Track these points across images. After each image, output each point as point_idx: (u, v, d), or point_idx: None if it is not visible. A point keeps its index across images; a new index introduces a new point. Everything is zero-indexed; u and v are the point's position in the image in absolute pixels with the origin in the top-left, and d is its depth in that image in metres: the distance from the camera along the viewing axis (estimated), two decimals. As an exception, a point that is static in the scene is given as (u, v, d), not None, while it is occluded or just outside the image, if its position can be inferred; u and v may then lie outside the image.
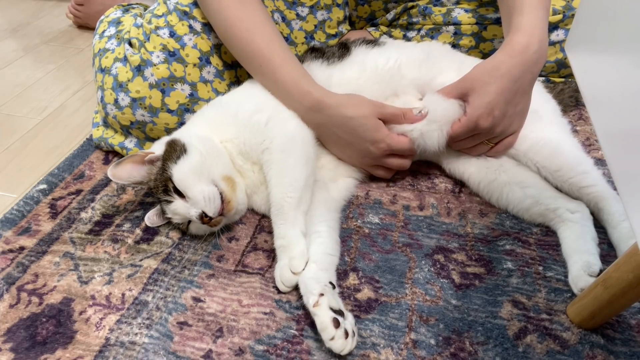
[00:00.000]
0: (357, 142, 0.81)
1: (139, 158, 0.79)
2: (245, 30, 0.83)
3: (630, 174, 0.38)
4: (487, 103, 0.75)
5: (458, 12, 1.03)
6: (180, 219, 0.76)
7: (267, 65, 0.82)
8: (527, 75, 0.76)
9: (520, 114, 0.80)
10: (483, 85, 0.76)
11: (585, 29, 0.51)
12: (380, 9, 1.11)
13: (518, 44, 0.76)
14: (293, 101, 0.81)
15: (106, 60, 0.95)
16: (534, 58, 0.75)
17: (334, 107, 0.79)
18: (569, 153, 0.79)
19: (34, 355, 0.63)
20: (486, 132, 0.78)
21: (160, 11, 0.93)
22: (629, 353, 0.60)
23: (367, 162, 0.85)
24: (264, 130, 0.79)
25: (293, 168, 0.75)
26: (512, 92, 0.76)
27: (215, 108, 0.87)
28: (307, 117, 0.81)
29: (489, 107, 0.76)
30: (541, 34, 0.76)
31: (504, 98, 0.76)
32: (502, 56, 0.76)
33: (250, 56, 0.84)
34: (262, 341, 0.63)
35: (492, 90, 0.75)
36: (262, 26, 0.84)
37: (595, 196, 0.75)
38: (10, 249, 0.79)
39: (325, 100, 0.79)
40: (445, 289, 0.69)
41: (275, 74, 0.82)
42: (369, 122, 0.79)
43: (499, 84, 0.75)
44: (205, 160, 0.76)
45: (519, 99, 0.77)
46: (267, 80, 0.84)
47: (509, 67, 0.75)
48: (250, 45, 0.83)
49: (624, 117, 0.41)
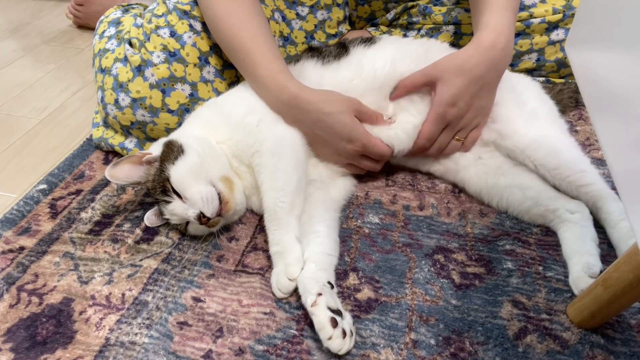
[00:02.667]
0: (332, 139, 0.80)
1: (136, 159, 0.79)
2: (231, 25, 0.83)
3: (630, 174, 0.38)
4: (452, 94, 0.78)
5: (458, 11, 1.03)
6: (178, 220, 0.76)
7: (248, 60, 0.82)
8: (493, 72, 0.79)
9: (484, 108, 0.82)
10: (451, 77, 0.78)
11: (586, 29, 0.51)
12: (380, 8, 1.11)
13: (487, 40, 0.79)
14: (270, 96, 0.81)
15: (106, 60, 0.95)
16: (500, 55, 0.79)
17: (312, 102, 0.78)
18: (567, 152, 0.79)
19: (34, 355, 0.63)
20: (453, 122, 0.81)
21: (160, 11, 0.93)
22: (629, 353, 0.60)
23: (341, 160, 0.84)
24: (255, 132, 0.79)
25: (284, 172, 0.75)
26: (477, 86, 0.79)
27: (210, 109, 0.87)
28: (285, 114, 0.81)
29: (455, 98, 0.78)
30: (508, 33, 0.80)
31: (469, 91, 0.78)
32: (471, 51, 0.79)
33: (235, 51, 0.84)
34: (262, 341, 0.63)
35: (458, 83, 0.78)
36: (248, 20, 0.84)
37: (593, 195, 0.75)
38: (10, 249, 0.79)
39: (302, 95, 0.79)
40: (445, 289, 0.69)
41: (255, 68, 0.81)
42: (346, 119, 0.78)
43: (466, 77, 0.78)
44: (203, 161, 0.76)
45: (484, 93, 0.80)
46: (249, 75, 0.84)
47: (476, 62, 0.78)
48: (235, 40, 0.83)
49: (624, 117, 0.41)
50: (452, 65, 0.79)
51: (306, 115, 0.79)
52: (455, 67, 0.78)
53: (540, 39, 1.00)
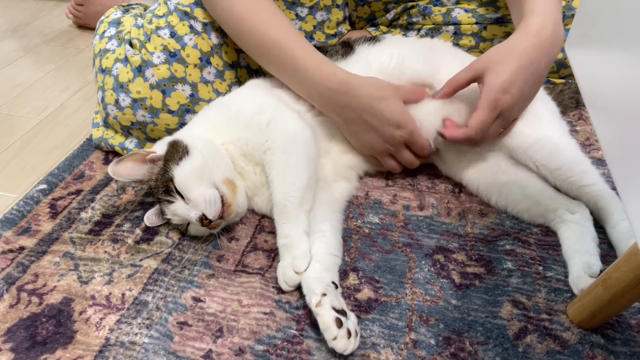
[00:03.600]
0: (381, 125, 0.79)
1: (140, 157, 0.79)
2: (260, 23, 0.83)
3: (630, 174, 0.38)
4: (503, 81, 0.73)
5: (458, 12, 1.03)
6: (179, 220, 0.76)
7: (286, 54, 0.82)
8: (544, 57, 0.75)
9: (530, 98, 0.78)
10: (498, 64, 0.74)
11: (585, 29, 0.51)
12: (380, 9, 1.12)
13: (533, 25, 0.75)
14: (317, 84, 0.80)
15: (107, 60, 0.95)
16: (549, 40, 0.75)
17: (362, 87, 0.79)
18: (569, 152, 0.79)
19: (34, 355, 0.63)
20: (505, 112, 0.75)
21: (161, 11, 0.93)
22: (629, 353, 0.60)
23: (385, 149, 0.83)
24: (266, 131, 0.78)
25: (295, 168, 0.75)
26: (529, 72, 0.74)
27: (217, 109, 0.87)
28: (332, 100, 0.80)
29: (505, 85, 0.73)
30: (555, 17, 0.76)
31: (521, 77, 0.73)
32: (518, 36, 0.76)
33: (267, 48, 0.83)
34: (262, 341, 0.63)
35: (509, 69, 0.73)
36: (276, 17, 0.84)
37: (594, 195, 0.75)
38: (10, 249, 0.79)
39: (352, 81, 0.79)
40: (445, 289, 0.69)
41: (296, 60, 0.81)
42: (397, 104, 0.78)
43: (516, 62, 0.73)
44: (207, 162, 0.76)
45: (535, 80, 0.76)
46: (287, 68, 0.83)
47: (524, 47, 0.74)
48: (265, 37, 0.83)
49: (624, 117, 0.41)
50: (500, 52, 0.75)
51: (356, 100, 0.79)
52: (503, 53, 0.75)
53: None
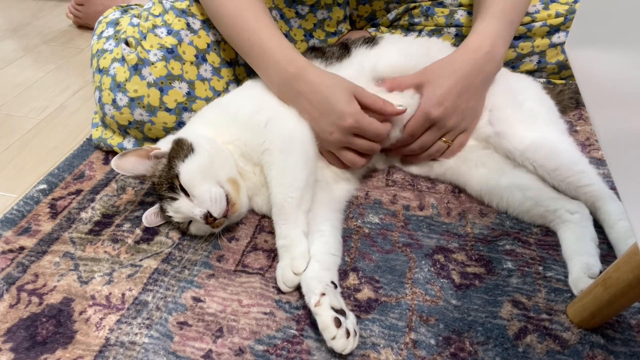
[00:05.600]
0: (326, 113, 0.78)
1: (144, 152, 0.79)
2: (234, 8, 0.85)
3: (630, 174, 0.38)
4: (439, 95, 0.80)
5: (461, 14, 1.02)
6: (181, 218, 0.76)
7: (254, 37, 0.83)
8: (478, 74, 0.82)
9: (471, 111, 0.84)
10: (436, 78, 0.82)
11: (585, 29, 0.51)
12: (381, 8, 1.11)
13: (471, 43, 0.84)
14: (279, 68, 0.81)
15: (104, 60, 0.95)
16: (485, 59, 0.82)
17: (317, 76, 0.79)
18: (567, 152, 0.79)
19: (34, 355, 0.63)
20: (439, 123, 0.82)
21: (156, 10, 0.93)
22: (629, 353, 0.60)
23: (336, 140, 0.80)
24: (264, 131, 0.78)
25: (293, 168, 0.75)
26: (464, 87, 0.81)
27: (216, 109, 0.87)
28: (290, 86, 0.80)
29: (441, 98, 0.80)
30: (494, 39, 0.83)
31: (456, 91, 0.81)
32: (457, 53, 0.84)
33: (239, 32, 0.85)
34: (262, 341, 0.63)
35: (444, 84, 0.81)
36: (251, 4, 0.85)
37: (592, 195, 0.75)
38: (10, 249, 0.79)
39: (310, 68, 0.80)
40: (445, 289, 0.69)
41: (263, 43, 0.82)
42: (343, 94, 0.78)
43: (452, 77, 0.81)
44: (213, 161, 0.77)
45: (471, 95, 0.83)
46: (254, 52, 0.84)
47: (460, 64, 0.82)
48: (239, 22, 0.84)
49: (624, 117, 0.41)
50: (439, 67, 0.83)
51: (308, 87, 0.79)
52: (441, 69, 0.82)
53: (541, 41, 1.00)
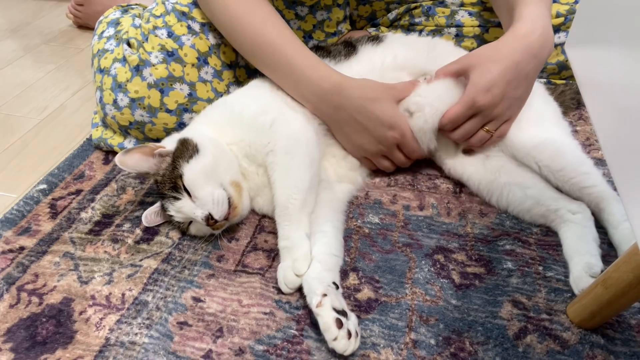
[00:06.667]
0: (373, 126, 0.81)
1: (148, 150, 0.79)
2: (254, 23, 0.84)
3: (630, 174, 0.38)
4: (487, 80, 0.75)
5: (462, 14, 1.02)
6: (182, 218, 0.76)
7: (280, 54, 0.82)
8: (531, 60, 0.76)
9: (519, 100, 0.79)
10: (485, 62, 0.76)
11: (585, 29, 0.51)
12: (381, 8, 1.11)
13: (522, 28, 0.77)
14: (312, 85, 0.81)
15: (105, 60, 0.95)
16: (538, 42, 0.76)
17: (355, 88, 0.80)
18: (572, 154, 0.79)
19: (34, 355, 0.63)
20: (485, 111, 0.77)
21: (158, 11, 0.93)
22: (629, 353, 0.60)
23: (378, 151, 0.84)
24: (269, 132, 0.78)
25: (297, 170, 0.75)
26: (514, 73, 0.76)
27: (220, 109, 0.86)
28: (325, 101, 0.81)
29: (489, 84, 0.75)
30: (544, 22, 0.78)
31: (505, 78, 0.75)
32: (506, 39, 0.78)
33: (262, 47, 0.84)
34: (262, 341, 0.63)
35: (494, 69, 0.75)
36: (271, 18, 0.84)
37: (596, 196, 0.75)
38: (10, 249, 0.79)
39: (346, 82, 0.80)
40: (445, 289, 0.69)
41: (291, 60, 0.82)
42: (389, 106, 0.80)
43: (502, 63, 0.75)
44: (217, 163, 0.76)
45: (521, 82, 0.77)
46: (281, 69, 0.83)
47: (511, 49, 0.76)
48: (261, 37, 0.83)
49: (624, 117, 0.41)
50: (487, 51, 0.77)
51: (349, 101, 0.80)
52: (490, 54, 0.77)
53: None
